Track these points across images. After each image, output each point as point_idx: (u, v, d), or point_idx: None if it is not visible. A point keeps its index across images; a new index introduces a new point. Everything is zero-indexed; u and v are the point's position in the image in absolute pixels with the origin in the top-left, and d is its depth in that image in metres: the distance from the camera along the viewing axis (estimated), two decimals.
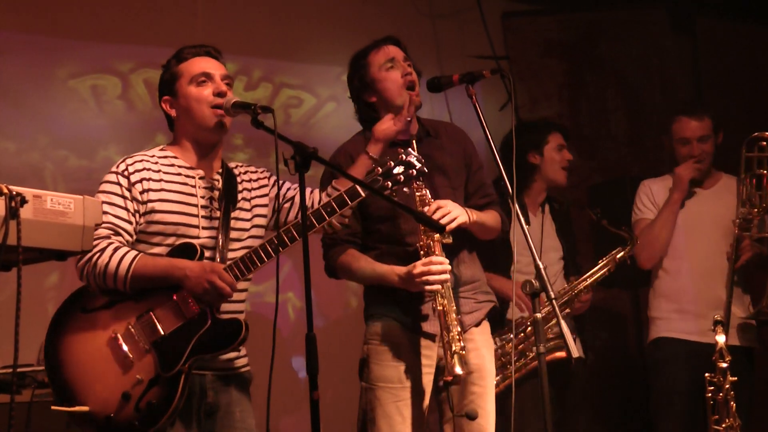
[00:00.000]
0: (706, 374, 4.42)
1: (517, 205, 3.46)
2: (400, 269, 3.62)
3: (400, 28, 4.96)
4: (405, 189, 3.39)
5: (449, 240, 3.59)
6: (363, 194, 3.31)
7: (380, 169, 3.36)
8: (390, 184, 3.35)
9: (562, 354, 4.33)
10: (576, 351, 3.32)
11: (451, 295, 3.57)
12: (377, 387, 3.68)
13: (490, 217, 3.82)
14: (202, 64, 3.43)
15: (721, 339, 4.33)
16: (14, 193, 2.64)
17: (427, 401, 3.69)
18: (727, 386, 4.38)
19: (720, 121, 5.08)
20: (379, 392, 3.67)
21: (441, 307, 3.54)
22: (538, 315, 3.37)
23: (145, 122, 5.42)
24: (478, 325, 3.78)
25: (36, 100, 5.18)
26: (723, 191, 5.05)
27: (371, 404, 3.68)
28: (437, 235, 3.57)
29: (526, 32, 6.48)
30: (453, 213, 3.58)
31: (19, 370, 3.93)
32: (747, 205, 4.84)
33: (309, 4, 5.95)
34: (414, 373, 3.66)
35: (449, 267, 3.56)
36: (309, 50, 5.89)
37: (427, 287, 3.54)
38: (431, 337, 3.68)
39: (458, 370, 3.47)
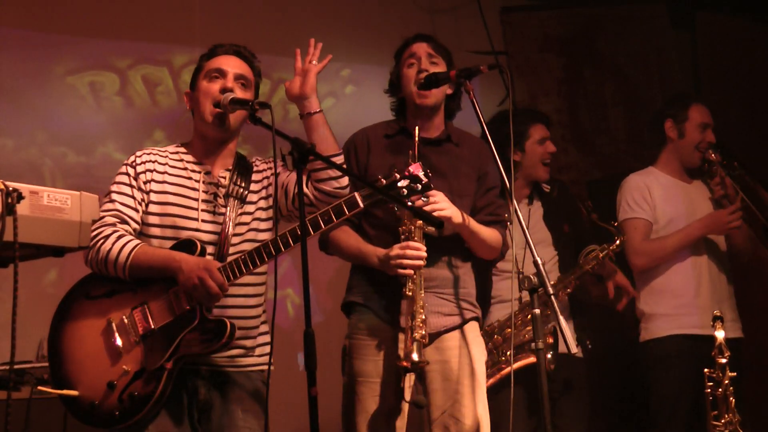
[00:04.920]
0: (705, 370, 4.41)
1: (515, 202, 3.43)
2: (381, 251, 3.63)
3: (399, 23, 4.97)
4: (409, 203, 3.35)
5: (432, 230, 3.59)
6: (362, 205, 3.26)
7: (384, 181, 3.33)
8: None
9: (531, 359, 4.18)
10: (574, 346, 3.29)
11: (422, 283, 3.56)
12: (357, 382, 3.67)
13: (489, 233, 3.79)
14: (222, 60, 3.42)
15: (720, 334, 4.32)
16: (11, 188, 2.64)
17: (406, 396, 3.64)
18: (726, 381, 4.38)
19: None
20: (359, 387, 3.66)
21: (410, 293, 3.54)
22: (537, 311, 3.34)
23: (143, 118, 5.42)
24: (456, 328, 3.76)
25: (34, 96, 5.18)
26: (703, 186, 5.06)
27: (351, 399, 3.68)
28: (419, 222, 3.58)
29: (524, 27, 6.48)
30: (440, 204, 3.57)
31: (18, 366, 3.94)
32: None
33: None
34: (393, 367, 3.61)
35: (425, 254, 3.56)
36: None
37: (400, 271, 3.54)
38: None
39: (415, 356, 3.46)
